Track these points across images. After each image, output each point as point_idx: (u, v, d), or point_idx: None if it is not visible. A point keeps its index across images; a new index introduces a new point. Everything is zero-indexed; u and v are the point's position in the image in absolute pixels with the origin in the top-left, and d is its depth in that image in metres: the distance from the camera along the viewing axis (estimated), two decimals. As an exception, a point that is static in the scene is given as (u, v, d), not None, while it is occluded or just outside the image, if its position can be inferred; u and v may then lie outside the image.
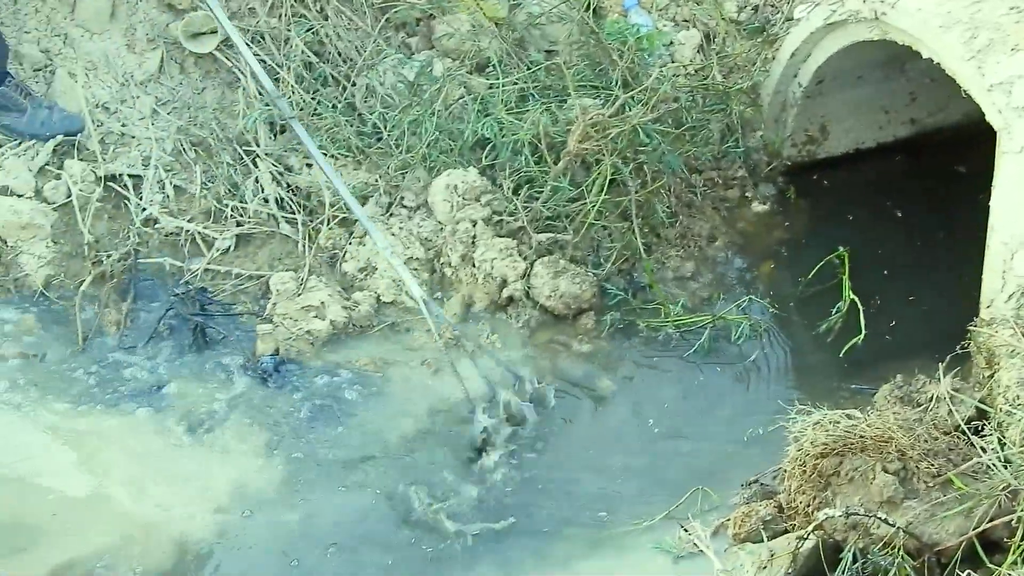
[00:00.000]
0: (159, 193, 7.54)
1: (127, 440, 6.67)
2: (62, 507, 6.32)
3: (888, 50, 7.39)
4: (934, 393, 6.22)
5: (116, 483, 6.45)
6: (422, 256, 7.49)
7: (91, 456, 6.55)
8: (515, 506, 6.54)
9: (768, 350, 7.38)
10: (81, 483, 6.44)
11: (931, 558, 5.65)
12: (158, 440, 6.70)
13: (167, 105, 7.81)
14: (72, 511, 6.31)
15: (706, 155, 8.19)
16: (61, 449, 6.59)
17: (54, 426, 6.67)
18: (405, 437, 6.83)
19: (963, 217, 7.24)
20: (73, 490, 6.42)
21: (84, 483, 6.44)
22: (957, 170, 8.22)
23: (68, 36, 7.72)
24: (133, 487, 6.44)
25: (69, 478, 6.45)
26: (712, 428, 6.97)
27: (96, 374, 6.98)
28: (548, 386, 7.08)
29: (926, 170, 8.38)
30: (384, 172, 7.77)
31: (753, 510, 6.12)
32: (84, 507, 6.34)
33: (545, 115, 7.76)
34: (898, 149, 8.59)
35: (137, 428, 6.75)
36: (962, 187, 7.85)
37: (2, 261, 7.26)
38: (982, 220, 6.56)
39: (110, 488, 6.43)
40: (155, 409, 6.83)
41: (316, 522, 6.41)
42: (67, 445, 6.60)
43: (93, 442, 6.62)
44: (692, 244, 7.91)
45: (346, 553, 6.28)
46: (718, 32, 8.68)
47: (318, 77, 8.04)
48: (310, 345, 7.16)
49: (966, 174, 8.11)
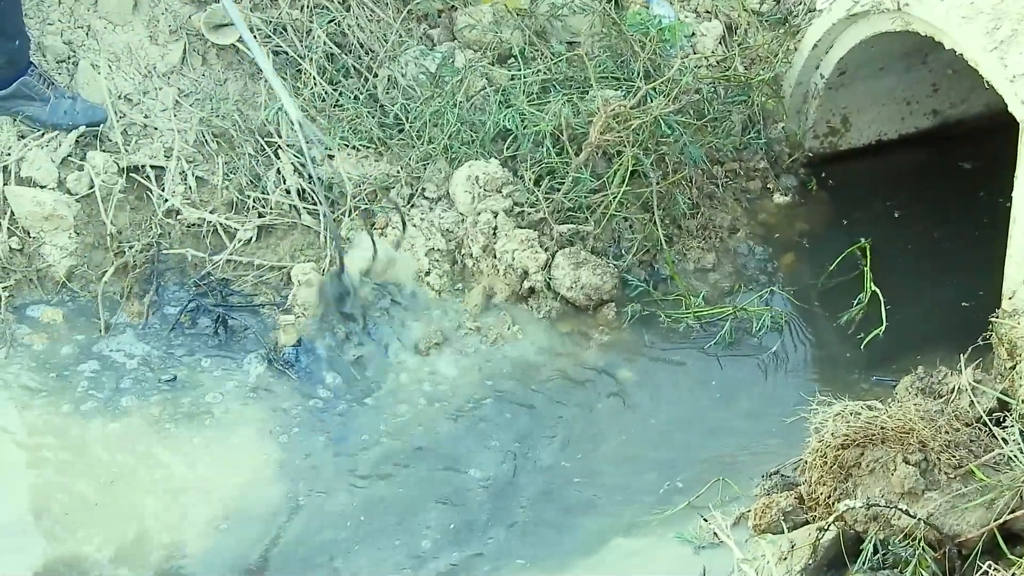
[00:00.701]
0: (181, 184, 7.55)
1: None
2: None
3: (910, 41, 7.38)
4: (955, 384, 6.20)
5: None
6: (443, 247, 7.50)
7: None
8: (536, 496, 6.55)
9: (789, 341, 7.38)
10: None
11: (952, 549, 5.64)
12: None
13: (189, 96, 7.82)
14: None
15: (728, 146, 8.17)
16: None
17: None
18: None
19: (986, 208, 7.24)
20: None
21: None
22: (979, 161, 8.20)
23: (91, 28, 7.73)
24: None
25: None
26: (732, 419, 6.98)
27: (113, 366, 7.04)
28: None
29: (948, 161, 8.36)
30: (406, 163, 7.78)
31: (774, 501, 6.12)
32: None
33: (567, 106, 7.76)
34: (920, 140, 8.57)
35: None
36: (984, 179, 7.82)
37: (25, 252, 7.27)
38: (1005, 211, 6.55)
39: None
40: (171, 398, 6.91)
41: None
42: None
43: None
44: (713, 235, 7.91)
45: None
46: (740, 23, 8.66)
47: (340, 68, 8.05)
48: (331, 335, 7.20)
49: (988, 166, 8.07)
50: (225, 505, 6.53)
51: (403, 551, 6.37)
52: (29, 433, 6.70)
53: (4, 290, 7.17)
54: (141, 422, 6.81)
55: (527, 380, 7.19)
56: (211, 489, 6.59)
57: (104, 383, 6.94)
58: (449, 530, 6.47)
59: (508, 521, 6.52)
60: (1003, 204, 6.61)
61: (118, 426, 6.77)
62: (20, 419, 6.75)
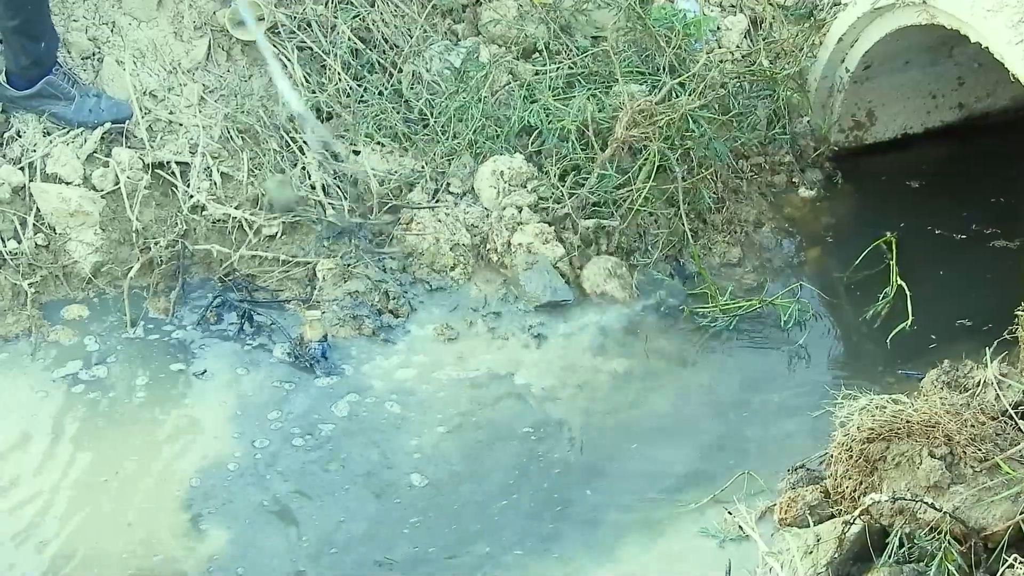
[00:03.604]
0: (206, 180, 7.57)
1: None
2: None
3: (935, 34, 7.37)
4: (981, 378, 6.18)
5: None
6: (467, 242, 7.50)
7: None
8: (561, 489, 6.55)
9: (815, 335, 7.37)
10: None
11: (978, 543, 5.63)
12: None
13: (214, 92, 7.84)
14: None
15: (753, 141, 8.17)
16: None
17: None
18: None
19: (1012, 202, 7.22)
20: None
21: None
22: (1006, 155, 8.18)
23: (116, 24, 7.75)
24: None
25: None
26: (758, 413, 6.96)
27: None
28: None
29: (974, 155, 8.34)
30: (431, 158, 7.79)
31: (799, 495, 6.12)
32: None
33: (591, 101, 7.76)
34: (946, 134, 8.55)
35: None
36: (1011, 172, 7.80)
37: (51, 248, 7.30)
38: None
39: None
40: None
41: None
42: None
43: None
44: (739, 230, 7.91)
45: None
46: (765, 17, 8.65)
47: (364, 64, 8.06)
48: (357, 331, 7.20)
49: (1014, 159, 8.07)
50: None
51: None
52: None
53: (30, 287, 7.18)
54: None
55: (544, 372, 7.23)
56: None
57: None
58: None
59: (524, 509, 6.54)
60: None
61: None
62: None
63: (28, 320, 7.10)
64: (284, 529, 6.34)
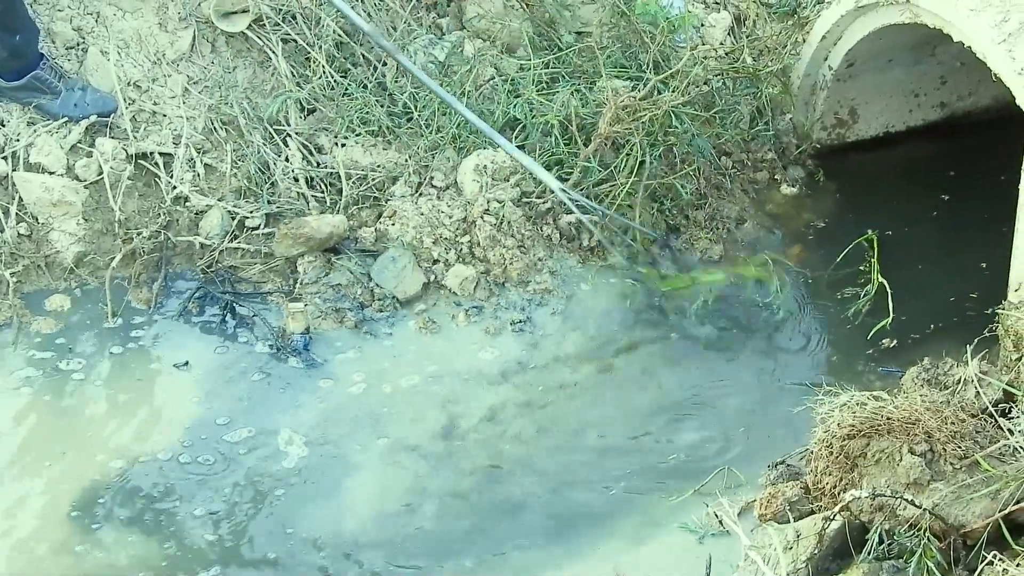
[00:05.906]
0: (189, 171, 7.56)
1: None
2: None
3: (919, 33, 7.39)
4: (961, 376, 6.22)
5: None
6: (450, 236, 7.50)
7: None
8: (534, 486, 6.56)
9: (796, 332, 7.40)
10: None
11: (957, 540, 5.67)
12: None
13: (198, 84, 7.83)
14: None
15: (736, 138, 8.19)
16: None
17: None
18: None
19: (992, 201, 7.23)
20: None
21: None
22: (988, 153, 8.20)
23: (100, 14, 7.74)
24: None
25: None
26: (738, 408, 6.98)
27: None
28: None
29: (956, 154, 8.37)
30: (414, 152, 7.78)
31: (780, 491, 6.14)
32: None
33: (575, 97, 7.78)
34: (928, 133, 8.58)
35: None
36: (991, 171, 7.82)
37: (33, 238, 7.29)
38: (1012, 204, 6.56)
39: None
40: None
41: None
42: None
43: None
44: (721, 226, 7.92)
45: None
46: (749, 14, 8.67)
47: (349, 57, 8.06)
48: (339, 324, 7.21)
49: (996, 157, 8.08)
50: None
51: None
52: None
53: (12, 276, 7.17)
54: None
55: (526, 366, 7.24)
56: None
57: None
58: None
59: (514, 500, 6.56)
60: (1010, 197, 6.61)
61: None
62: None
63: (10, 309, 7.09)
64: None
